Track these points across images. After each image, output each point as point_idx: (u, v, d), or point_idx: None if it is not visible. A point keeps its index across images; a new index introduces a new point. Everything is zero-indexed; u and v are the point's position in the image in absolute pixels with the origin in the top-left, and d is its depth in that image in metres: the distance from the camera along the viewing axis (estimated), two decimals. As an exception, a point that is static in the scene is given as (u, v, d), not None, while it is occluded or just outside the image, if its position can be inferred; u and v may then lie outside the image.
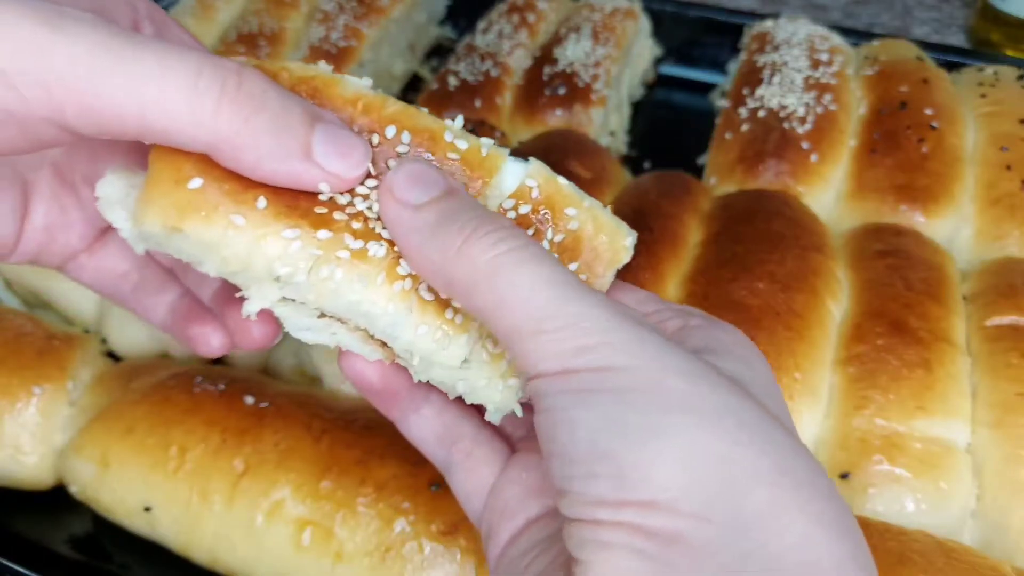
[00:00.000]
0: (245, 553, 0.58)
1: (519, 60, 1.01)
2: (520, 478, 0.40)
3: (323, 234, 0.36)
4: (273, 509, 0.57)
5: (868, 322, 0.66)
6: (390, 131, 0.37)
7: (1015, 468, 0.58)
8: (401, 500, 0.56)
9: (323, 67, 0.40)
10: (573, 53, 0.97)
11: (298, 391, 0.64)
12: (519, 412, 0.38)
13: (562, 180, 0.39)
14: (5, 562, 0.58)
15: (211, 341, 0.45)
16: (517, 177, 0.38)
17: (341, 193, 0.37)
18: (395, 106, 0.38)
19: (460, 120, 0.39)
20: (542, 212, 0.38)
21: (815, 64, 0.91)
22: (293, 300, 0.38)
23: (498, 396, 0.38)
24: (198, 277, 0.48)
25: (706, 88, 1.08)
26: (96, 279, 0.46)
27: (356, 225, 0.36)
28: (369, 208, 0.37)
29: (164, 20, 0.43)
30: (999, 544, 0.58)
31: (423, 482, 0.57)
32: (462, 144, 0.38)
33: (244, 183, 0.36)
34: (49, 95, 0.32)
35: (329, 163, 0.35)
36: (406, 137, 0.37)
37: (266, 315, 0.40)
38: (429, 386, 0.41)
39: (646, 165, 0.98)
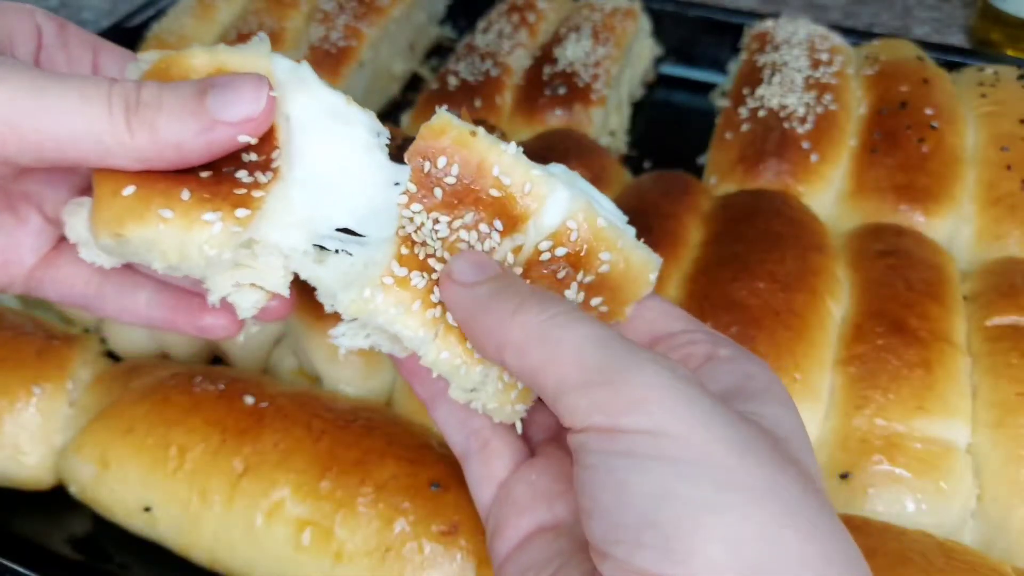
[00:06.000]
0: (245, 553, 0.58)
1: (519, 60, 1.01)
2: (531, 480, 0.41)
3: (241, 212, 0.38)
4: (273, 509, 0.57)
5: (868, 322, 0.66)
6: (441, 161, 0.39)
7: (1016, 468, 0.58)
8: (401, 500, 0.56)
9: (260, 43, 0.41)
10: (573, 53, 0.97)
11: (298, 391, 0.64)
12: (519, 429, 0.42)
13: (601, 220, 0.39)
14: (5, 562, 0.58)
15: (224, 325, 0.47)
16: (558, 217, 0.39)
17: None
18: (453, 132, 0.39)
19: (513, 146, 0.39)
20: (578, 256, 0.39)
21: (815, 64, 0.91)
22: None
23: (503, 416, 0.41)
24: None
25: (706, 88, 1.08)
26: (60, 292, 0.47)
27: (404, 251, 0.39)
28: (417, 232, 0.39)
29: (64, 25, 0.44)
30: (1000, 544, 0.58)
31: (423, 482, 0.57)
32: (507, 180, 0.39)
33: (175, 179, 0.39)
34: None
35: (228, 115, 0.37)
36: (455, 170, 0.39)
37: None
38: None
39: (646, 165, 0.98)
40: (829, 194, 0.83)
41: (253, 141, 0.39)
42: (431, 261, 0.39)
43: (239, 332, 0.48)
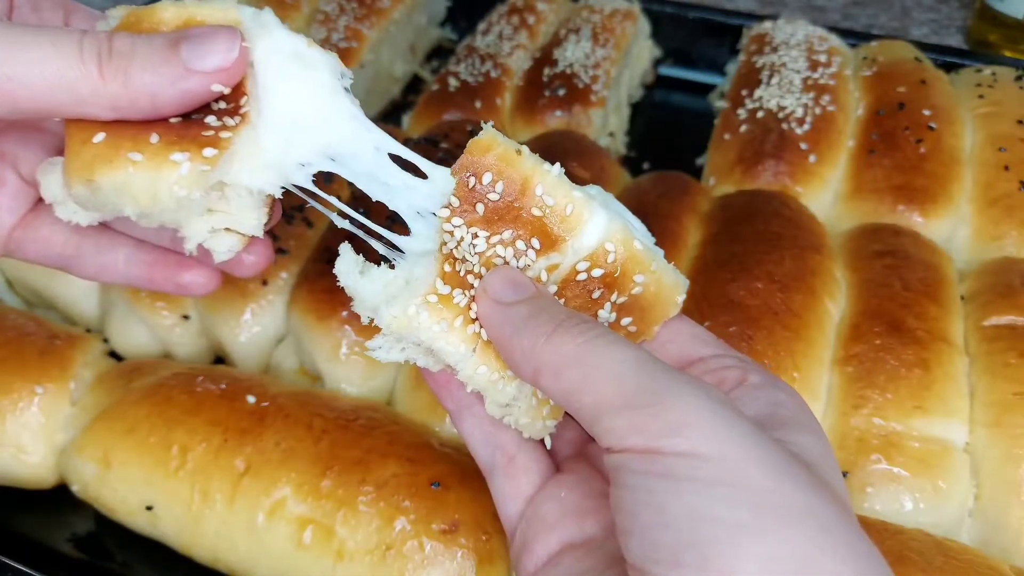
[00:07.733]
0: (246, 552, 0.58)
1: (519, 61, 1.01)
2: (559, 496, 0.41)
3: (209, 151, 0.39)
4: (274, 508, 0.57)
5: (866, 322, 0.66)
6: (487, 177, 0.39)
7: (1013, 467, 0.59)
8: (402, 499, 0.56)
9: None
10: (573, 54, 0.97)
11: (299, 391, 0.64)
12: (548, 444, 0.43)
13: (637, 243, 0.40)
14: (8, 561, 0.58)
15: (203, 283, 0.49)
16: (596, 239, 0.40)
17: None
18: (499, 148, 0.39)
19: (557, 167, 0.40)
20: (613, 277, 0.40)
21: (813, 65, 0.91)
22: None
23: (534, 431, 0.42)
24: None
25: (705, 89, 1.08)
26: (40, 253, 0.48)
27: (447, 268, 0.40)
28: (457, 247, 0.40)
29: None
30: (997, 543, 0.58)
31: (424, 480, 0.57)
32: (549, 200, 0.39)
33: (145, 125, 0.39)
34: None
35: (202, 64, 0.38)
36: (500, 187, 0.39)
37: (258, 243, 0.45)
38: None
39: (645, 166, 0.99)
40: (827, 195, 0.84)
41: (226, 91, 0.40)
42: (469, 277, 0.40)
43: (216, 287, 0.49)
